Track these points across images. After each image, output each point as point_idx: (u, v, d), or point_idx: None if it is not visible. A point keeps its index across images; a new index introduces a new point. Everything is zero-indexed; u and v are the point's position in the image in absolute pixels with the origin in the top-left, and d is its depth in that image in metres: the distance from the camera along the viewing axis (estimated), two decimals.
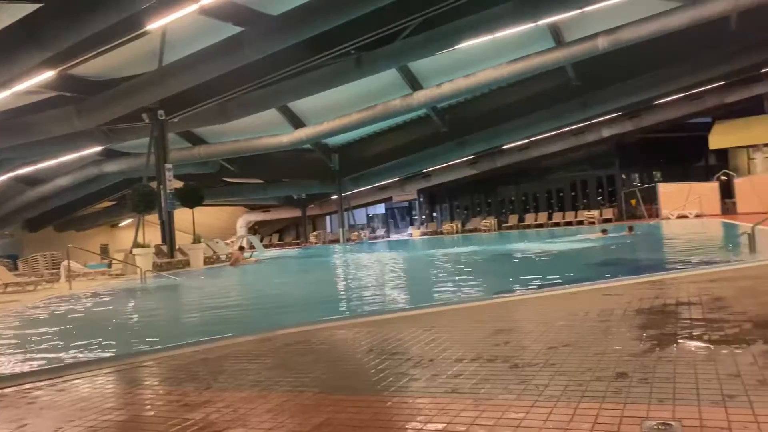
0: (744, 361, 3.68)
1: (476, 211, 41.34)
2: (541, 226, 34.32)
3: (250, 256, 25.37)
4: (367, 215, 51.01)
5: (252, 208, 43.24)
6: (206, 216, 40.52)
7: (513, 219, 37.14)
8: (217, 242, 26.52)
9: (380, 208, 50.89)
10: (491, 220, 36.86)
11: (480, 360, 4.23)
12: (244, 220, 42.73)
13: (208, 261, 22.88)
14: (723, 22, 20.58)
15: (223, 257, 23.86)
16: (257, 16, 17.86)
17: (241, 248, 26.54)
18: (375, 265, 18.48)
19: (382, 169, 34.57)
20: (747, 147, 30.96)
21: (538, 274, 11.06)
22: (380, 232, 44.14)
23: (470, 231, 37.32)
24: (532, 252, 17.63)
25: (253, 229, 43.99)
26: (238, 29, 17.82)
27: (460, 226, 38.51)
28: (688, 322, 5.00)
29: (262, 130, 28.67)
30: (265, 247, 35.78)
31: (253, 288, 15.18)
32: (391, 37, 19.31)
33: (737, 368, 3.54)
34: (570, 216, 34.34)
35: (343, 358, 5.02)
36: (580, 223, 32.44)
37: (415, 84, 25.30)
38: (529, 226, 34.95)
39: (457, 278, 12.09)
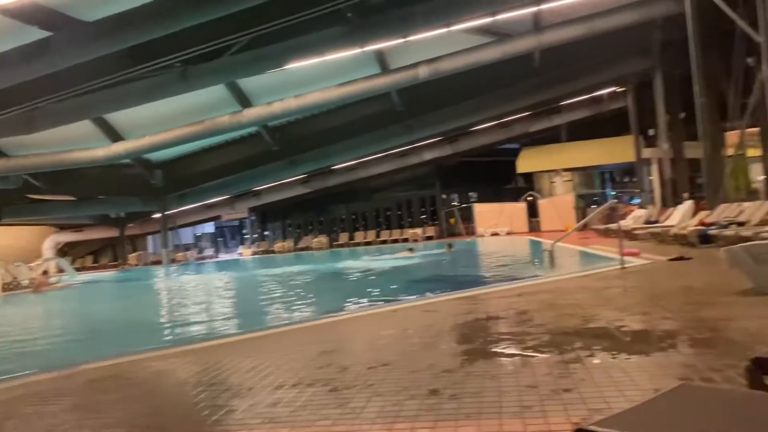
0: (541, 372, 4.01)
1: (308, 229, 41.45)
2: (370, 243, 35.26)
3: (59, 281, 23.05)
4: (195, 234, 48.87)
5: (62, 228, 39.35)
6: (6, 236, 36.22)
7: (344, 237, 37.76)
8: (19, 266, 23.78)
9: (209, 227, 49.02)
10: (323, 239, 37.17)
11: (300, 385, 4.18)
12: (52, 240, 38.72)
13: (6, 287, 20.39)
14: (528, 58, 22.84)
15: (25, 283, 21.42)
16: (68, 22, 16.43)
17: (45, 272, 24.02)
18: (199, 288, 17.72)
19: (210, 187, 33.40)
20: (549, 171, 34.55)
21: (362, 292, 11.30)
22: (208, 252, 42.49)
23: (302, 249, 37.28)
24: (358, 270, 18.01)
25: (63, 250, 40.03)
26: (46, 33, 16.26)
27: (292, 244, 38.31)
28: (496, 336, 5.37)
29: (75, 142, 26.32)
30: (77, 270, 32.74)
31: (56, 317, 13.77)
32: (219, 53, 18.81)
33: (535, 379, 3.85)
34: (396, 234, 35.70)
35: (156, 393, 4.69)
36: (406, 240, 33.86)
37: (244, 101, 24.84)
38: (358, 244, 35.74)
39: (285, 299, 11.97)
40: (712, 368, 3.66)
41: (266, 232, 43.42)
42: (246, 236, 46.42)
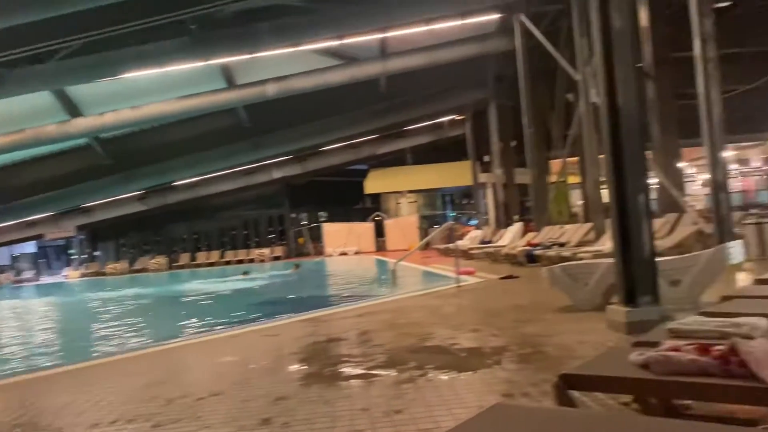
0: (375, 393, 4.02)
1: (145, 249, 38.96)
2: (213, 264, 33.95)
3: None
4: (12, 255, 43.95)
5: None
6: None
7: (185, 258, 36.00)
8: None
9: (29, 247, 44.30)
10: (161, 260, 35.14)
11: (119, 422, 3.83)
12: None
13: None
14: (375, 83, 23.51)
15: None
16: None
17: None
18: (14, 316, 15.90)
19: (31, 202, 30.27)
20: (395, 192, 35.68)
21: (200, 317, 10.77)
22: (28, 274, 38.37)
23: (138, 271, 34.94)
24: (197, 293, 17.20)
25: None
26: None
27: (127, 266, 35.78)
28: (335, 358, 5.33)
29: None
30: None
31: None
32: (45, 57, 17.24)
33: (368, 401, 3.85)
34: (243, 254, 34.75)
35: None
36: (252, 260, 33.07)
37: (74, 110, 22.93)
38: (200, 265, 34.25)
39: (114, 326, 11.07)
40: (531, 383, 3.88)
41: (97, 253, 40.15)
42: (73, 257, 42.57)
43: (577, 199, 22.63)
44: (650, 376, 2.27)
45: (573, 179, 23.53)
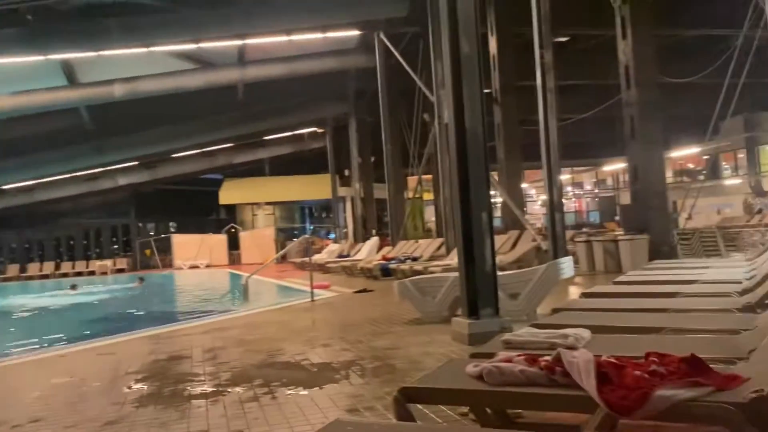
0: (216, 413, 3.82)
1: None
2: (46, 277, 31.00)
3: None
4: None
5: None
6: None
7: (13, 269, 32.53)
8: None
9: None
10: None
11: None
12: None
13: None
14: (233, 90, 22.85)
15: None
16: None
17: None
18: None
19: None
20: (251, 204, 34.85)
21: (29, 334, 9.76)
22: None
23: None
24: (24, 309, 15.57)
25: None
26: None
27: None
28: (177, 377, 5.02)
29: None
30: None
31: None
32: None
33: (208, 422, 3.65)
34: (81, 266, 32.04)
35: None
36: (92, 273, 30.64)
37: None
38: (32, 277, 31.16)
39: None
40: (376, 397, 3.89)
41: None
42: None
43: (431, 215, 23.55)
44: (484, 387, 2.34)
45: (428, 196, 24.50)
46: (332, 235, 32.50)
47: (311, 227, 38.22)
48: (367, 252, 18.22)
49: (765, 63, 10.96)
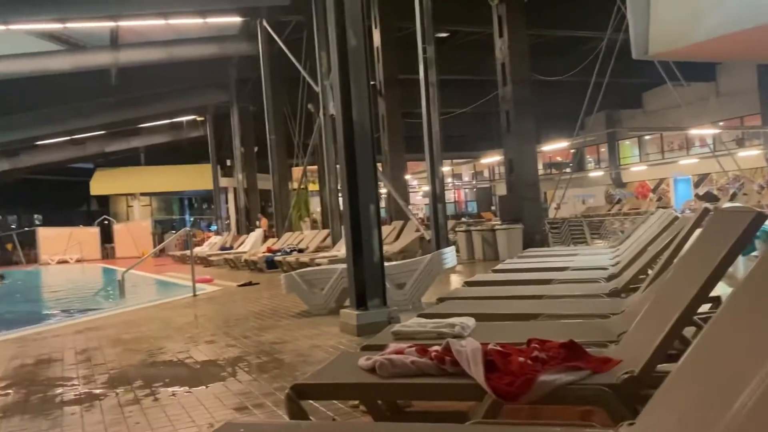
0: (92, 420, 3.60)
1: None
2: None
3: None
4: None
5: None
6: None
7: None
8: None
9: None
10: None
11: None
12: None
13: None
14: (105, 75, 21.44)
15: None
16: None
17: None
18: None
19: None
20: (126, 195, 33.00)
21: None
22: None
23: None
24: None
25: None
26: None
27: None
28: (46, 382, 4.67)
29: None
30: None
31: None
32: None
33: (83, 430, 3.42)
34: None
35: None
36: None
37: None
38: None
39: None
40: (265, 393, 3.83)
41: None
42: None
43: (316, 206, 23.46)
44: (376, 380, 2.37)
45: (313, 187, 24.38)
46: (214, 227, 31.51)
47: (191, 219, 36.85)
48: (252, 244, 17.87)
49: (625, 64, 11.90)
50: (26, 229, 31.90)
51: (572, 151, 27.52)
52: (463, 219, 25.52)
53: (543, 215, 14.84)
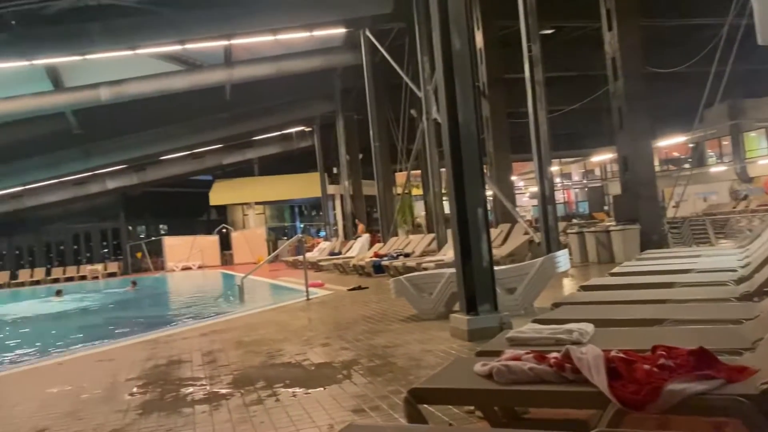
0: (220, 418, 3.82)
1: None
2: (38, 282, 30.78)
3: None
4: None
5: None
6: None
7: (3, 276, 32.25)
8: None
9: None
10: None
11: None
12: None
13: None
14: (220, 91, 22.75)
15: None
16: None
17: None
18: None
19: None
20: (242, 204, 34.75)
21: (21, 343, 9.68)
22: None
23: None
24: (18, 316, 15.44)
25: None
26: None
27: None
28: (178, 382, 5.02)
29: None
30: None
31: None
32: None
33: (213, 428, 3.65)
34: (72, 271, 31.81)
35: None
36: (83, 278, 30.43)
37: None
38: (23, 284, 30.92)
39: None
40: (380, 396, 3.90)
41: None
42: None
43: (420, 211, 23.57)
44: (493, 387, 2.36)
45: (416, 191, 24.51)
46: (322, 233, 32.46)
47: (301, 226, 38.17)
48: (359, 249, 18.22)
49: (749, 51, 11.04)
50: (153, 238, 34.37)
51: (691, 145, 25.84)
52: (574, 220, 24.67)
53: (661, 215, 14.03)
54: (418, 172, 20.18)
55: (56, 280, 30.68)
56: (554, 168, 34.17)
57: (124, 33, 15.83)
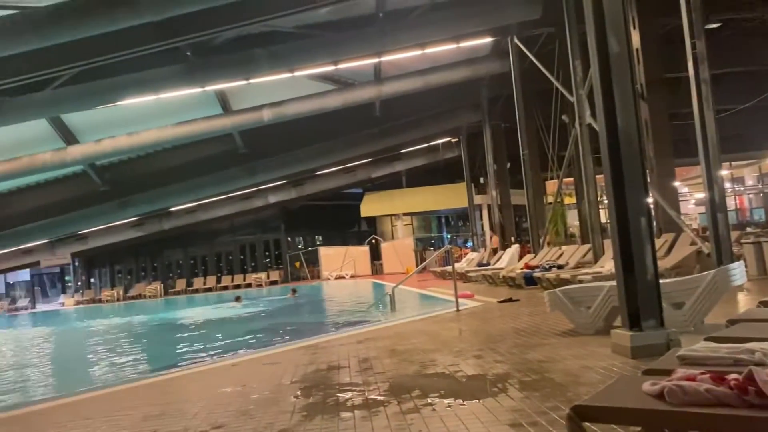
0: (380, 424, 3.95)
1: (140, 276, 38.71)
2: (210, 290, 33.74)
3: None
4: (7, 283, 43.58)
5: None
6: None
7: (180, 284, 35.76)
8: None
9: (24, 275, 43.98)
10: (157, 286, 34.88)
11: None
12: None
13: None
14: (370, 107, 23.61)
15: None
16: None
17: None
18: (12, 346, 15.71)
19: (27, 230, 30.05)
20: (390, 215, 35.69)
21: (199, 345, 10.64)
22: (23, 302, 38.01)
23: (134, 298, 34.70)
24: (194, 320, 17.04)
25: None
26: None
27: (122, 292, 35.54)
28: (337, 387, 5.25)
29: None
30: None
31: None
32: (41, 85, 17.23)
33: None
34: (239, 279, 34.53)
35: None
36: (249, 285, 32.86)
37: (70, 138, 22.90)
38: (197, 291, 34.05)
39: (110, 356, 10.93)
40: (538, 412, 3.81)
41: (92, 280, 39.87)
42: (69, 284, 42.28)
43: (573, 220, 22.65)
44: (665, 407, 2.23)
45: (569, 200, 23.60)
46: (470, 244, 32.33)
47: (448, 236, 38.32)
48: (508, 260, 17.92)
49: None
50: (310, 248, 36.28)
51: None
52: (749, 229, 22.41)
53: None
54: (571, 180, 19.45)
55: (225, 288, 33.45)
56: (724, 172, 31.37)
57: (284, 57, 16.97)
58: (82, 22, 13.14)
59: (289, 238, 37.89)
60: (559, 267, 13.69)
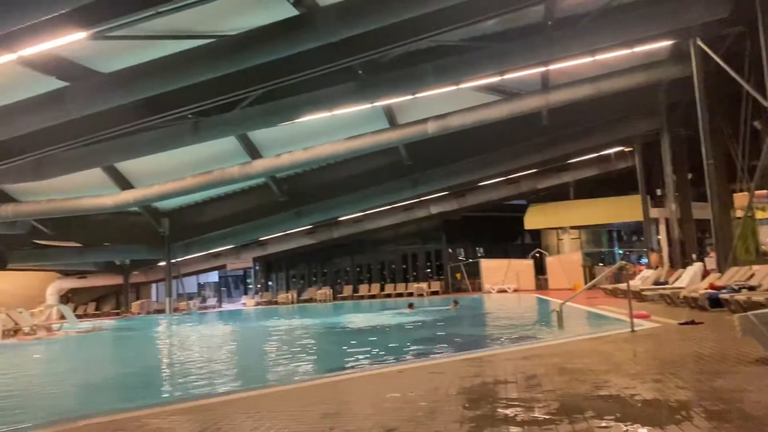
0: None
1: (312, 281, 41.20)
2: (374, 297, 34.95)
3: (60, 328, 22.82)
4: (198, 283, 48.62)
5: (66, 274, 39.20)
6: (8, 282, 36.12)
7: (347, 290, 37.48)
8: (21, 312, 23.61)
9: (213, 276, 48.79)
10: (327, 291, 36.89)
11: None
12: (55, 287, 38.52)
13: (7, 334, 20.20)
14: (536, 117, 23.12)
15: (26, 329, 21.21)
16: (85, 73, 16.81)
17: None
18: (200, 340, 17.49)
19: (216, 236, 33.41)
20: (556, 228, 34.46)
21: (367, 349, 11.07)
22: (212, 301, 42.11)
23: (306, 301, 36.99)
24: (363, 326, 17.76)
25: (66, 297, 39.80)
26: (62, 83, 16.60)
27: (295, 295, 38.04)
28: (504, 401, 5.21)
29: (83, 189, 26.54)
30: (79, 317, 32.43)
31: (52, 367, 13.48)
32: (231, 105, 19.12)
33: None
34: (401, 288, 35.40)
35: None
36: (410, 294, 33.56)
37: (254, 152, 25.12)
38: (362, 297, 35.44)
39: (287, 355, 11.76)
40: None
41: (270, 283, 43.16)
42: (250, 286, 46.10)
43: (766, 237, 20.34)
44: None
45: (761, 214, 21.23)
46: (644, 260, 30.25)
47: (620, 251, 36.20)
48: (689, 279, 16.52)
49: None
50: (471, 260, 36.20)
51: None
52: None
53: None
54: (764, 192, 17.52)
55: (388, 296, 34.45)
56: None
57: (450, 70, 17.23)
58: (269, 46, 14.38)
59: (450, 249, 38.13)
60: (751, 288, 12.37)
